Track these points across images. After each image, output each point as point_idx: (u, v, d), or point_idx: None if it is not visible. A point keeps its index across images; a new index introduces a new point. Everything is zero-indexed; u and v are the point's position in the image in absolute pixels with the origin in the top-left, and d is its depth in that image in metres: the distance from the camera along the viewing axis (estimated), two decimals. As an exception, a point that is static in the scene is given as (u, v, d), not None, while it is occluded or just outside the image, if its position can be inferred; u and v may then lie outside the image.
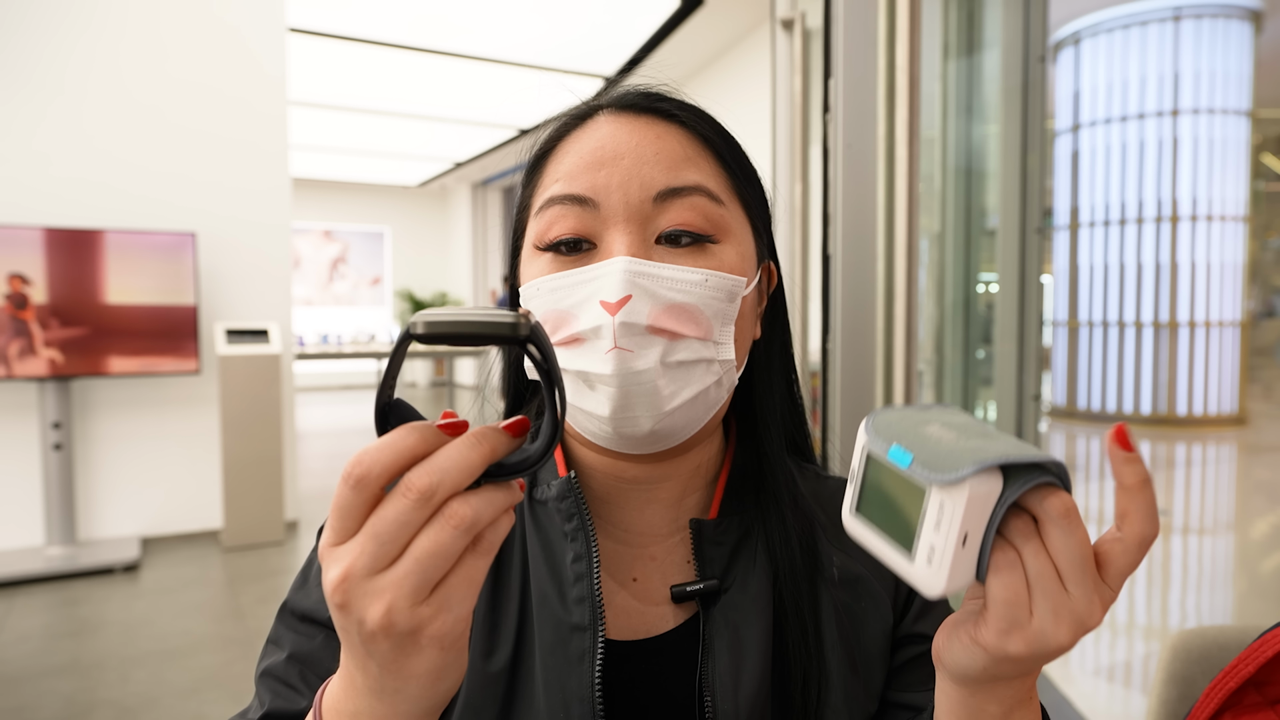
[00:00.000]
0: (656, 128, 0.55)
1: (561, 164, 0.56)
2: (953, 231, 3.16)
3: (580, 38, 5.65)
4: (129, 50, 4.00)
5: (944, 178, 3.21)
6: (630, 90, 0.58)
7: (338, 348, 8.50)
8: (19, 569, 3.55)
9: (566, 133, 0.58)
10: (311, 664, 0.56)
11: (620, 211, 0.53)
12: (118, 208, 4.00)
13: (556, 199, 0.54)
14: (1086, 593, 0.37)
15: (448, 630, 0.36)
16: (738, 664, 0.56)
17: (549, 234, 0.54)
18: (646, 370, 0.50)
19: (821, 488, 0.66)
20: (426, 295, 12.56)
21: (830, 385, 1.92)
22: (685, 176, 0.54)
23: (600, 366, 0.50)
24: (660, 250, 0.53)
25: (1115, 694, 2.52)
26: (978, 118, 3.15)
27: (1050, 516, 0.38)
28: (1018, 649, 0.38)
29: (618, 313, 0.50)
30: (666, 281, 0.52)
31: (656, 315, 0.51)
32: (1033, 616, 0.38)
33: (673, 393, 0.52)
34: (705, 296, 0.53)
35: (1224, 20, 7.32)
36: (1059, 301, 8.44)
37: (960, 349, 3.22)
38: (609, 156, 0.54)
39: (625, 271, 0.51)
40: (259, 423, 4.11)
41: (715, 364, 0.54)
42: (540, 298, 0.54)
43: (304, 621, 0.58)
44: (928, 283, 3.26)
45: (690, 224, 0.53)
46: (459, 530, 0.35)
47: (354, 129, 8.53)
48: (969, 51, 3.16)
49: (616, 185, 0.53)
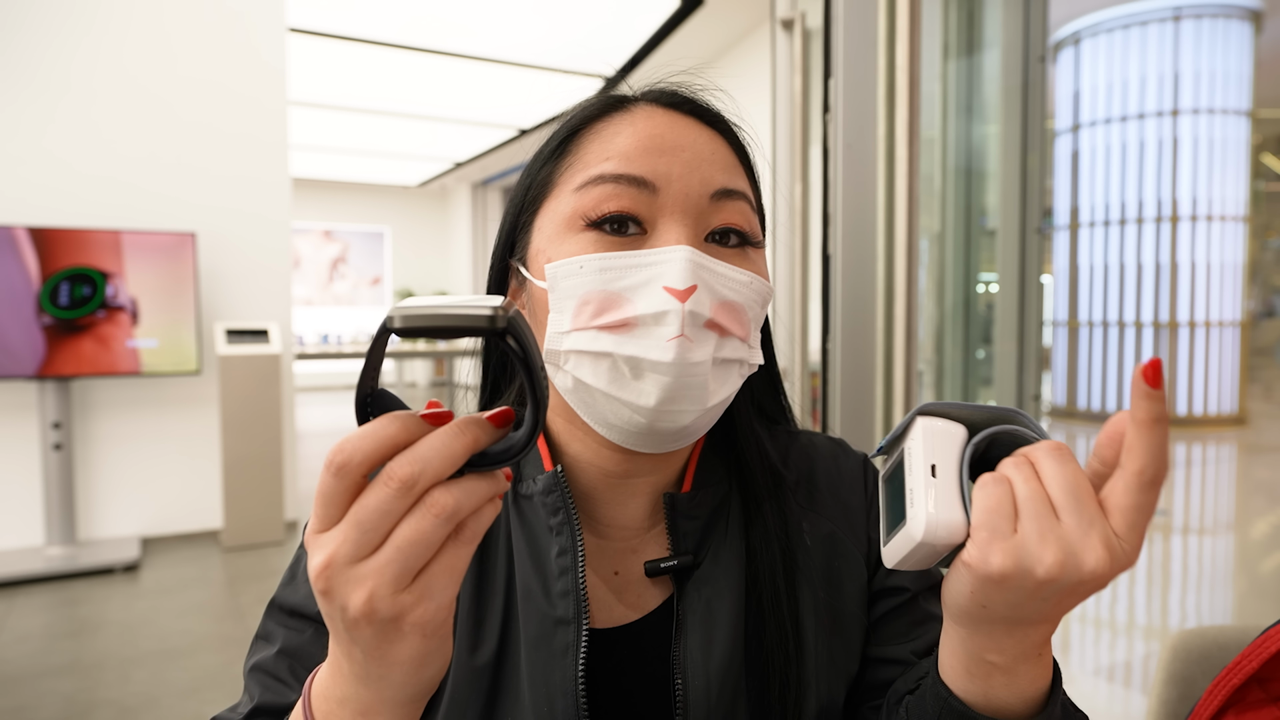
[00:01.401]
0: (706, 131, 0.56)
1: (611, 144, 0.54)
2: (953, 231, 3.16)
3: (580, 38, 5.65)
4: (130, 47, 4.00)
5: (944, 178, 3.21)
6: (675, 89, 0.58)
7: (338, 348, 8.51)
8: (19, 569, 3.55)
9: (603, 115, 0.57)
10: (301, 658, 0.56)
11: (680, 201, 0.52)
12: (117, 203, 4.00)
13: (609, 176, 0.52)
14: (1081, 523, 0.37)
15: (430, 618, 0.37)
16: (709, 638, 0.56)
17: (599, 209, 0.52)
18: (702, 363, 0.50)
19: (791, 445, 0.67)
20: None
21: (830, 385, 1.92)
22: (738, 181, 0.55)
23: (658, 354, 0.49)
24: (710, 248, 0.54)
25: (1115, 694, 2.52)
26: (978, 118, 3.15)
27: (1042, 450, 0.39)
28: (1000, 562, 0.37)
29: (687, 300, 0.49)
30: (722, 278, 0.52)
31: (715, 309, 0.51)
32: (1016, 532, 0.38)
33: (715, 389, 0.52)
34: (750, 298, 0.53)
35: (1224, 20, 7.32)
36: (1059, 301, 8.44)
37: (960, 349, 3.22)
38: (669, 145, 0.53)
39: (690, 261, 0.50)
40: (259, 423, 4.11)
41: (746, 366, 0.55)
42: (581, 277, 0.51)
43: (293, 616, 0.58)
44: (928, 283, 3.26)
45: (740, 226, 0.54)
46: (440, 519, 0.35)
47: (354, 129, 8.53)
48: (969, 51, 3.16)
49: (678, 175, 0.53)
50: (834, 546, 0.61)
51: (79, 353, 3.70)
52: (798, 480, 0.64)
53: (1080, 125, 8.05)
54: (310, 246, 12.03)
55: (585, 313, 0.51)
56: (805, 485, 0.64)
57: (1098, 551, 0.37)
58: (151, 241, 3.84)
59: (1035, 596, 0.38)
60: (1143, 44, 7.54)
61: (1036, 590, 0.38)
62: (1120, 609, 3.25)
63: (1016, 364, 2.77)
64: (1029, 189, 2.74)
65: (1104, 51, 7.76)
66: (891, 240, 1.88)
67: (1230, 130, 7.48)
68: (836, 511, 0.63)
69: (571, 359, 0.52)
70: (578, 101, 0.60)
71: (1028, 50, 2.71)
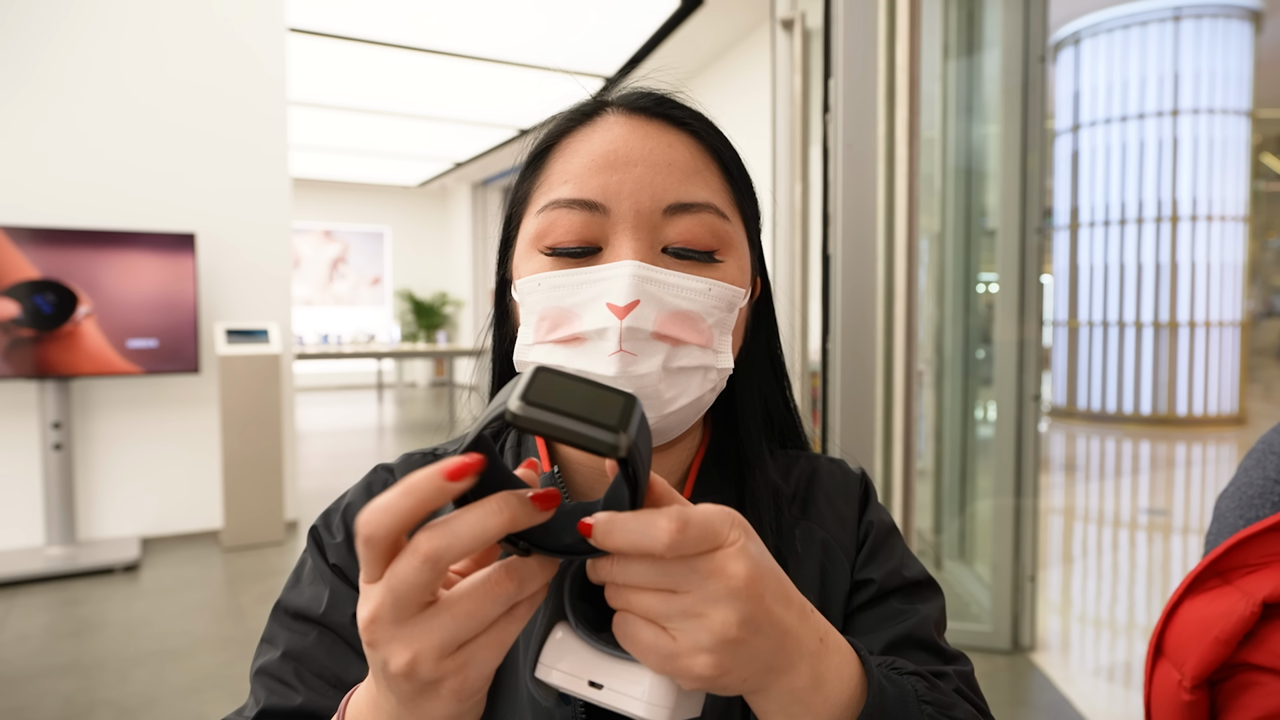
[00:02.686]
0: (668, 135, 0.55)
1: (570, 163, 0.55)
2: (953, 231, 3.16)
3: (580, 38, 5.65)
4: (128, 50, 4.00)
5: (944, 178, 3.21)
6: (641, 92, 0.58)
7: (338, 348, 8.51)
8: (19, 569, 3.55)
9: (572, 129, 0.57)
10: (306, 661, 0.56)
11: (630, 218, 0.53)
12: (119, 209, 4.00)
13: (563, 202, 0.53)
14: (691, 602, 0.37)
15: (468, 685, 0.37)
16: None
17: (550, 237, 0.54)
18: (649, 374, 0.51)
19: (793, 465, 0.67)
20: (426, 295, 12.56)
21: (830, 385, 1.92)
22: (696, 192, 0.54)
23: (602, 368, 0.51)
24: (665, 260, 0.54)
25: (1115, 694, 2.52)
26: (978, 118, 3.15)
27: (612, 566, 0.39)
28: (694, 677, 0.38)
29: (625, 317, 0.50)
30: (673, 289, 0.52)
31: (662, 321, 0.52)
32: (677, 642, 0.38)
33: (672, 397, 0.53)
34: (708, 305, 0.53)
35: (1224, 20, 7.33)
36: (1059, 301, 8.44)
37: (960, 349, 3.22)
38: (620, 161, 0.54)
39: (634, 276, 0.51)
40: (259, 423, 4.11)
41: (713, 371, 0.55)
42: (540, 293, 0.53)
43: (297, 619, 0.58)
44: (928, 283, 3.26)
45: (697, 241, 0.54)
46: (498, 601, 0.36)
47: (354, 129, 8.53)
48: (969, 51, 3.16)
49: (628, 192, 0.53)
50: (825, 552, 0.61)
51: (77, 353, 3.70)
52: (795, 493, 0.64)
53: (1080, 125, 8.06)
54: (310, 246, 12.03)
55: (543, 327, 0.54)
56: (802, 498, 0.64)
57: (713, 615, 0.37)
58: (152, 242, 3.84)
59: (741, 672, 0.39)
60: (1143, 44, 7.54)
61: (737, 669, 0.38)
62: (1120, 609, 3.25)
63: (1016, 364, 2.77)
64: (1029, 189, 2.74)
65: (1104, 51, 7.76)
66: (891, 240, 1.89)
67: (1230, 130, 7.48)
68: (831, 519, 0.63)
69: None
70: (555, 113, 0.60)
71: (1028, 50, 2.70)
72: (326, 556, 0.60)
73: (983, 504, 3.13)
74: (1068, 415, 8.22)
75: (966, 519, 3.28)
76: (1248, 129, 7.55)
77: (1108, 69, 7.75)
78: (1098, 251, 8.01)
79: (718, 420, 0.65)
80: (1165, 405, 7.65)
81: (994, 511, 2.83)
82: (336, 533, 0.61)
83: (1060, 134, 8.27)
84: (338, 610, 0.57)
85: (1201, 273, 7.58)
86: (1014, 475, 2.76)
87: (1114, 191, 7.86)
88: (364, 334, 10.64)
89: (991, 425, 2.91)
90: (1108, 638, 2.95)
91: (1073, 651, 2.83)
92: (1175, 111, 7.52)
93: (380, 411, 9.59)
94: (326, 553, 0.60)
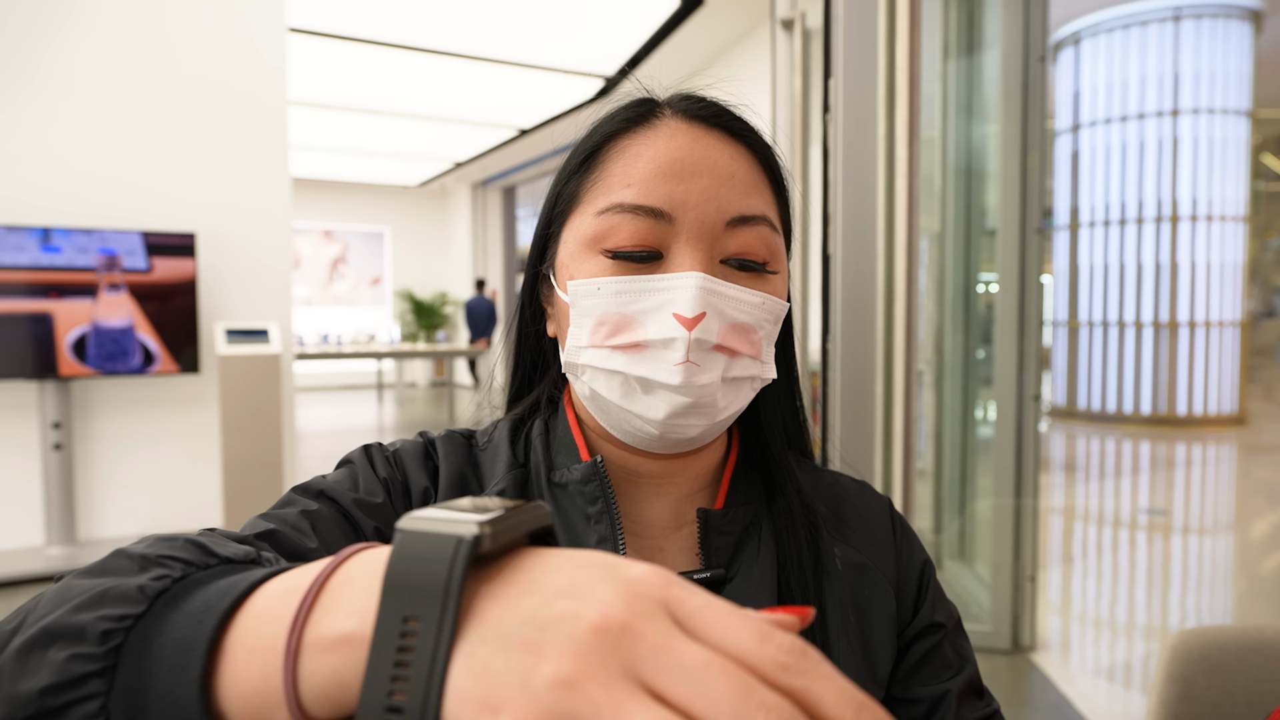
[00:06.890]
0: (730, 147, 0.56)
1: (633, 166, 0.55)
2: (953, 231, 3.16)
3: (580, 38, 5.65)
4: (130, 48, 4.00)
5: (944, 178, 3.21)
6: (700, 99, 0.58)
7: (338, 348, 8.51)
8: (19, 569, 3.55)
9: (628, 129, 0.57)
10: (320, 524, 0.52)
11: (694, 229, 0.54)
12: (117, 203, 4.00)
13: (628, 207, 0.54)
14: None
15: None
16: None
17: (612, 240, 0.54)
18: (710, 384, 0.53)
19: (819, 480, 0.68)
20: (426, 295, 12.56)
21: (830, 385, 1.92)
22: (756, 205, 0.56)
23: (668, 377, 0.52)
24: (724, 270, 0.55)
25: (1115, 694, 2.52)
26: (978, 118, 3.15)
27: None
28: None
29: (694, 328, 0.52)
30: (733, 301, 0.54)
31: (724, 333, 0.53)
32: None
33: (725, 406, 0.55)
34: (760, 317, 0.55)
35: (1224, 20, 7.33)
36: (1059, 301, 8.45)
37: (960, 349, 3.22)
38: (687, 170, 0.54)
39: (701, 288, 0.52)
40: (259, 423, 4.11)
41: (759, 381, 0.57)
42: (599, 297, 0.54)
43: (319, 497, 0.55)
44: (928, 283, 3.26)
45: (754, 253, 0.55)
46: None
47: (354, 129, 8.53)
48: (969, 51, 3.16)
49: (694, 203, 0.54)
50: (864, 575, 0.62)
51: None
52: (825, 513, 0.65)
53: (1080, 125, 8.06)
54: (310, 246, 12.03)
55: (601, 332, 0.54)
56: (834, 518, 0.65)
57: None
58: (151, 242, 3.84)
59: None
60: (1143, 44, 7.54)
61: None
62: (1120, 609, 3.25)
63: (1016, 364, 2.77)
64: (1029, 189, 2.74)
65: (1104, 51, 7.76)
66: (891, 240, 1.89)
67: (1230, 130, 7.48)
68: (865, 543, 0.64)
69: (588, 372, 0.56)
70: (607, 110, 0.60)
71: (1028, 50, 2.70)
72: (377, 469, 0.58)
73: (983, 504, 3.14)
74: (1068, 415, 8.22)
75: (966, 519, 3.28)
76: (1248, 129, 7.55)
77: (1108, 69, 7.75)
78: (1098, 251, 8.01)
79: (744, 430, 0.66)
80: (1165, 405, 7.65)
81: (994, 511, 2.83)
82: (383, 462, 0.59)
83: (1060, 134, 8.27)
84: (365, 509, 0.55)
85: (1201, 273, 7.58)
86: (1014, 475, 2.76)
87: (1114, 191, 7.86)
88: (364, 334, 10.63)
89: (991, 425, 2.91)
90: (1108, 638, 2.95)
91: (1073, 651, 2.83)
92: (1175, 111, 7.52)
93: (380, 411, 9.59)
94: (376, 465, 0.58)
